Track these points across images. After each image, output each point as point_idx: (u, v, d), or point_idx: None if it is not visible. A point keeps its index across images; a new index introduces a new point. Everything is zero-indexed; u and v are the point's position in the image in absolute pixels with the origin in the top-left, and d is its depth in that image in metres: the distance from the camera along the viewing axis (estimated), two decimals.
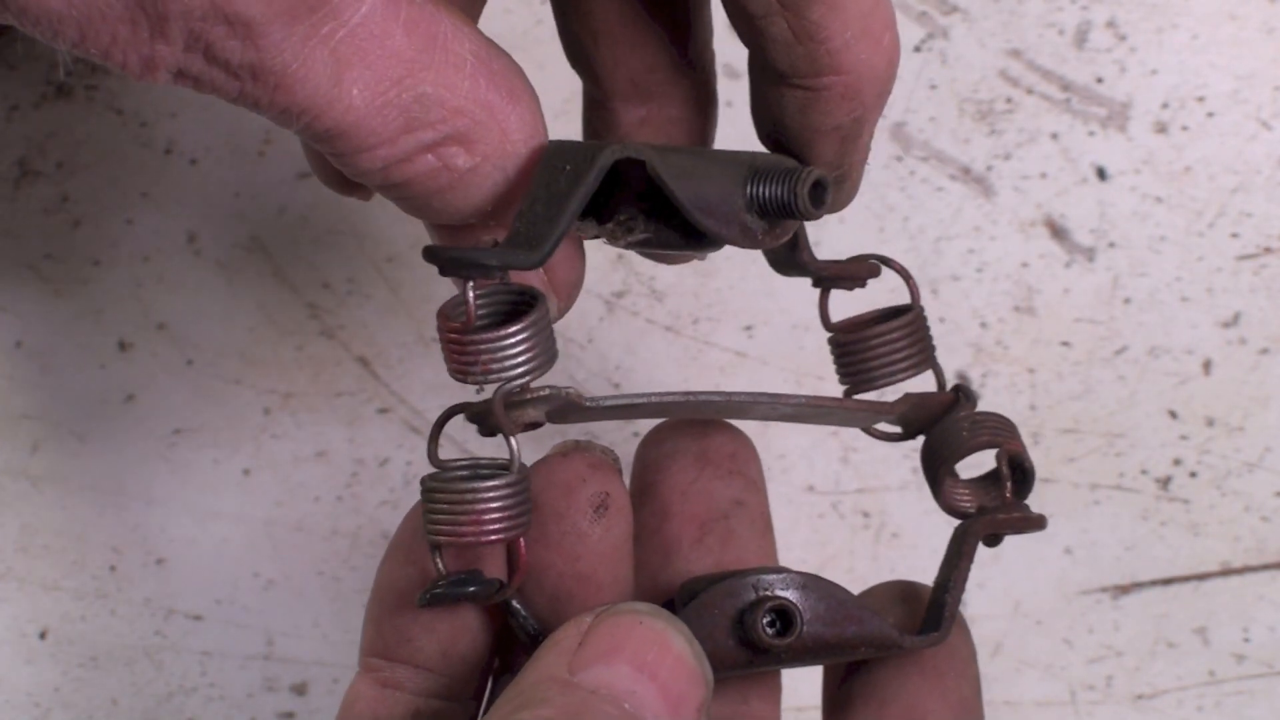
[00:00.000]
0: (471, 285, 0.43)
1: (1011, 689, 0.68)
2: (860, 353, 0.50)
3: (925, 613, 0.49)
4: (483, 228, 0.45)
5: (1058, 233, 0.70)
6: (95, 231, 0.69)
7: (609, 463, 0.47)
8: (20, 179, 0.69)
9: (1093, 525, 0.69)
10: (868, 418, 0.50)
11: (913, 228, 0.70)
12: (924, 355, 0.50)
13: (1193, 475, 0.69)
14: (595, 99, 0.51)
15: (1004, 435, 0.49)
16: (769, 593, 0.47)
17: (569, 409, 0.45)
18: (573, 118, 0.54)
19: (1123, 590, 0.69)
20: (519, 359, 0.43)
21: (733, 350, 0.69)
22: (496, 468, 0.44)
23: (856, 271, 0.50)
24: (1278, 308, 0.69)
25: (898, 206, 0.70)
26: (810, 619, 0.47)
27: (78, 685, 0.68)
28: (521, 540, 0.44)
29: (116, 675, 0.68)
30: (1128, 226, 0.70)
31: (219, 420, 0.69)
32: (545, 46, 0.54)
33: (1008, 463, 0.49)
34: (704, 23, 0.51)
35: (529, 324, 0.43)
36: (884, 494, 0.69)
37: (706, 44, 0.51)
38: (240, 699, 0.68)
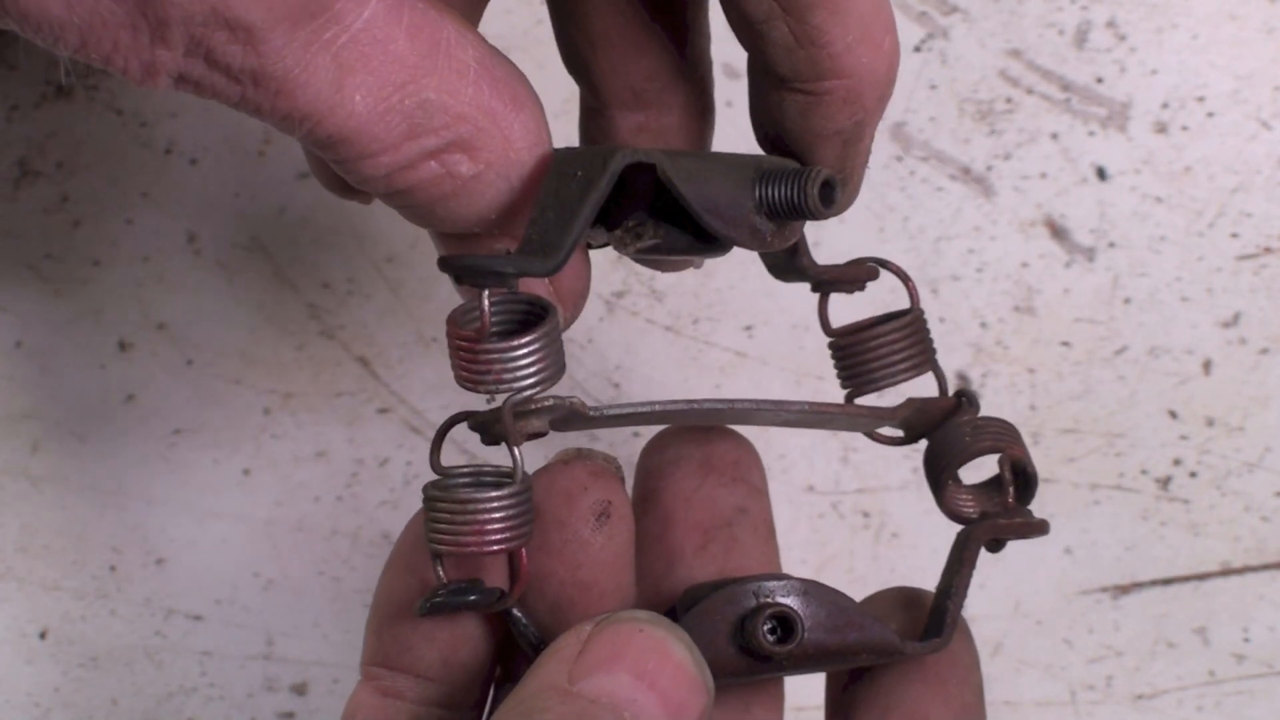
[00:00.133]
0: (487, 294, 0.43)
1: (1011, 689, 0.68)
2: (860, 355, 0.50)
3: (927, 619, 0.49)
4: (488, 236, 0.45)
5: (1058, 233, 0.69)
6: (95, 231, 0.69)
7: (611, 470, 0.47)
8: (20, 179, 0.69)
9: (1093, 525, 0.69)
10: (870, 423, 0.50)
11: (913, 228, 0.70)
12: (924, 356, 0.50)
13: (1193, 475, 0.69)
14: (593, 107, 0.51)
15: (1006, 440, 0.49)
16: (769, 599, 0.47)
17: (573, 418, 0.45)
18: (572, 118, 0.54)
19: (1123, 590, 0.69)
20: (531, 369, 0.43)
21: (733, 350, 0.69)
22: (500, 476, 0.44)
23: (855, 275, 0.50)
24: (1278, 308, 0.69)
25: (898, 206, 0.70)
26: (811, 626, 0.47)
27: (78, 685, 0.68)
28: (523, 549, 0.44)
29: (116, 675, 0.68)
30: (1128, 226, 0.69)
31: (219, 420, 0.69)
32: (545, 47, 0.54)
33: (1010, 468, 0.49)
34: (701, 29, 0.51)
35: (541, 334, 0.43)
36: (884, 494, 0.69)
37: (704, 51, 0.51)
38: (240, 699, 0.68)
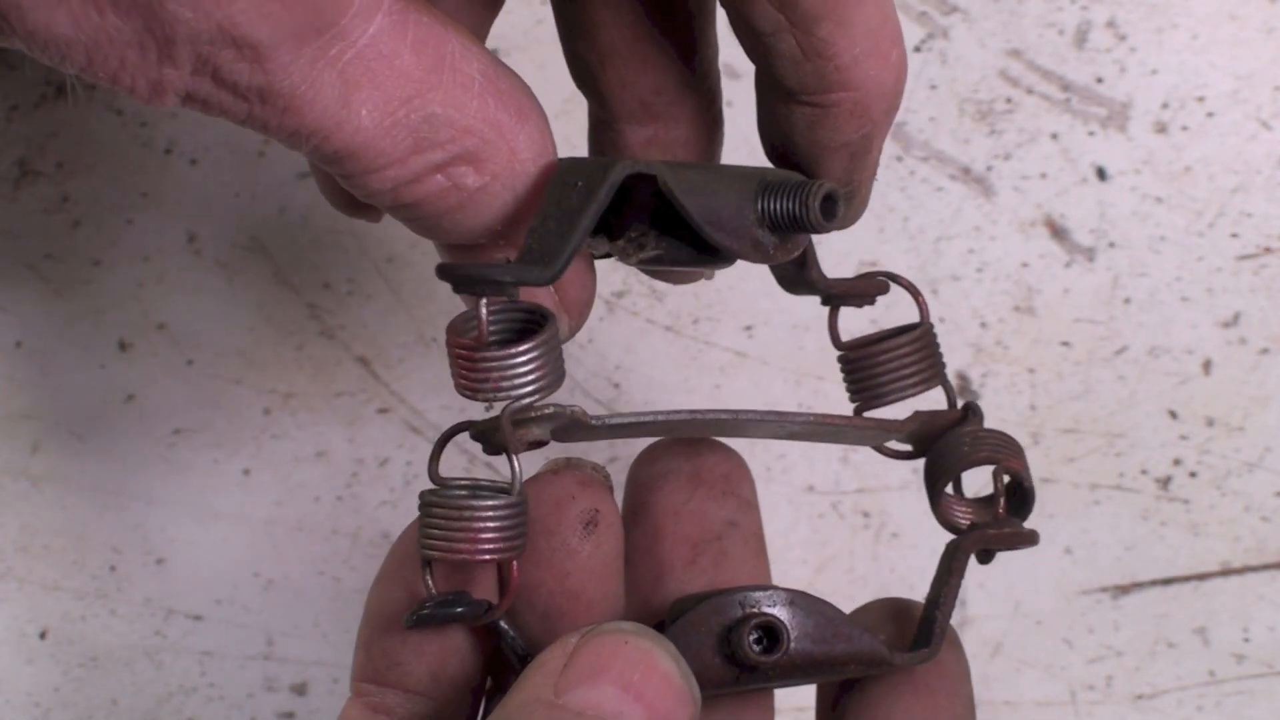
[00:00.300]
0: (485, 302, 0.43)
1: (1011, 689, 0.68)
2: (870, 369, 0.50)
3: (916, 629, 0.49)
4: (493, 246, 0.45)
5: (1058, 233, 0.69)
6: (95, 231, 0.69)
7: (599, 480, 0.47)
8: (20, 179, 0.69)
9: (1093, 525, 0.69)
10: (878, 436, 0.50)
11: (913, 228, 0.70)
12: (933, 371, 0.50)
13: (1193, 475, 0.69)
14: (601, 120, 0.51)
15: (1005, 453, 0.49)
16: (755, 610, 0.47)
17: (574, 427, 0.45)
18: (572, 119, 0.54)
19: (1123, 590, 0.69)
20: (529, 377, 0.43)
21: (733, 350, 0.69)
22: (497, 489, 0.44)
23: (865, 289, 0.50)
24: (1278, 308, 0.69)
25: (898, 206, 0.70)
26: (798, 636, 0.47)
27: (78, 685, 0.68)
28: (514, 562, 0.44)
29: (116, 675, 0.68)
30: (1128, 226, 0.69)
31: (219, 420, 0.69)
32: (545, 47, 0.54)
33: (1005, 480, 0.49)
34: (709, 42, 0.50)
35: (540, 343, 0.43)
36: (884, 494, 0.69)
37: (712, 63, 0.51)
38: (240, 699, 0.68)
